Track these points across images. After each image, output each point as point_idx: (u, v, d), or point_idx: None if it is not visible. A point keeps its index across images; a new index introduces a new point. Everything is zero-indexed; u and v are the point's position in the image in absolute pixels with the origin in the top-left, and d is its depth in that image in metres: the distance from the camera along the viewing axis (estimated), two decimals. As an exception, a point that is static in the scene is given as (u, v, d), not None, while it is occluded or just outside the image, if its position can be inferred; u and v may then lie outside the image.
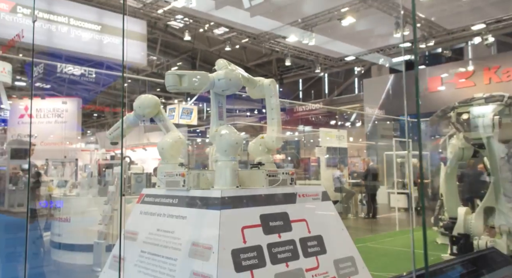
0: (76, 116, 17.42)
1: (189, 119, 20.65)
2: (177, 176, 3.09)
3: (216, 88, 3.06)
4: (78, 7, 12.65)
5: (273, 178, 3.14)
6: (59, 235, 7.27)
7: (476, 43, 18.21)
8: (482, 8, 14.50)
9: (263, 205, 2.99)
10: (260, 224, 2.87)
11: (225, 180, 2.96)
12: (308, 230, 3.14)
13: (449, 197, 8.35)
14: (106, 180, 7.43)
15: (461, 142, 7.74)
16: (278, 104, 3.61)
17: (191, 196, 2.99)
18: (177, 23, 18.74)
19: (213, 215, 2.72)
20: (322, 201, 3.41)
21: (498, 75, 18.30)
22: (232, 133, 2.99)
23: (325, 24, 15.91)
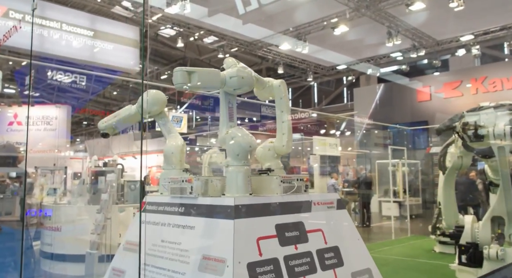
0: (65, 124, 17.07)
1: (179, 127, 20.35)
2: (184, 182, 2.88)
3: (227, 87, 2.87)
4: (70, 13, 12.42)
5: (287, 184, 2.96)
6: (49, 245, 6.95)
7: (461, 55, 18.51)
8: (471, 19, 14.64)
9: (278, 213, 2.79)
10: (275, 235, 2.67)
11: (237, 186, 2.76)
12: (324, 240, 2.95)
13: (447, 205, 8.28)
14: (99, 188, 7.15)
15: (460, 150, 7.68)
16: (288, 106, 3.43)
17: (200, 204, 2.77)
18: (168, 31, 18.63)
19: (226, 225, 2.52)
20: (337, 210, 3.23)
21: (484, 86, 18.47)
22: (244, 136, 2.79)
23: (318, 33, 15.90)
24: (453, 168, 7.75)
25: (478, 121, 4.49)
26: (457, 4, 11.42)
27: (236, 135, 2.78)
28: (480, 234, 4.90)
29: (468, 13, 13.38)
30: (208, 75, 2.75)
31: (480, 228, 4.93)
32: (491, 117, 4.33)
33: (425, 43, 16.79)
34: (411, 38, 16.07)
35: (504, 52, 19.20)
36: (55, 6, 11.98)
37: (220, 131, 2.95)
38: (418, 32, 15.78)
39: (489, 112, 4.33)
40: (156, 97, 3.47)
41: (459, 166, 7.69)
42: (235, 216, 2.51)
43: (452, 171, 7.90)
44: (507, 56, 19.29)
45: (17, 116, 14.77)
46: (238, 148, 2.75)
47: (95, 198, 7.40)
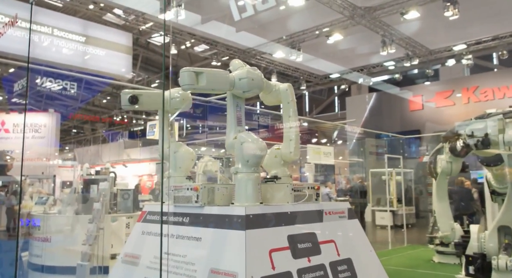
0: (54, 132, 16.73)
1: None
2: (189, 191, 2.70)
3: (236, 89, 2.71)
4: (62, 18, 12.19)
5: (298, 193, 2.79)
6: (38, 256, 6.66)
7: (451, 65, 18.70)
8: (463, 29, 14.75)
9: (290, 224, 2.63)
10: (288, 247, 2.50)
11: (247, 195, 2.59)
12: (337, 252, 2.79)
13: (441, 211, 8.26)
14: (91, 197, 6.90)
15: (448, 155, 7.76)
16: (296, 111, 3.28)
17: (207, 214, 2.60)
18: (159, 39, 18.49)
19: (236, 236, 2.34)
20: (348, 219, 3.07)
21: (476, 95, 18.62)
22: (255, 141, 2.63)
23: (312, 41, 15.88)
24: (443, 173, 7.88)
25: (485, 128, 4.38)
26: (452, 13, 11.46)
27: (246, 141, 2.61)
28: (487, 244, 4.78)
29: (461, 23, 13.46)
30: (216, 76, 2.59)
31: (487, 238, 4.81)
32: (500, 124, 4.23)
33: (418, 52, 16.86)
34: (405, 47, 16.13)
35: (493, 62, 19.45)
36: (47, 11, 11.76)
37: (227, 136, 2.78)
38: (411, 41, 15.85)
39: (497, 119, 4.21)
40: (187, 96, 3.27)
41: (449, 171, 7.83)
42: (246, 226, 2.33)
43: (443, 176, 8.03)
44: (496, 67, 19.51)
45: (4, 123, 14.43)
46: (248, 153, 2.58)
47: (86, 207, 7.15)
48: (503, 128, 4.24)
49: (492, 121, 4.40)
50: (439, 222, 8.38)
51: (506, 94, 17.72)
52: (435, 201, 8.61)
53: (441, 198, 8.43)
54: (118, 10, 14.47)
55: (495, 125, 4.34)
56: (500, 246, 4.71)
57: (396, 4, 12.47)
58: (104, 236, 6.39)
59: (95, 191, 6.93)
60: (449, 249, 8.32)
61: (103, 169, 7.80)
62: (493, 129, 4.36)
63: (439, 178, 8.27)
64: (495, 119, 4.33)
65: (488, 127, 4.39)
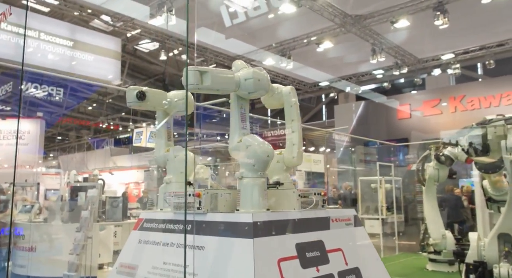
0: (38, 139, 16.33)
1: (157, 143, 19.82)
2: (190, 197, 2.55)
3: (241, 90, 2.59)
4: (49, 22, 11.95)
5: (305, 199, 2.67)
6: (22, 267, 6.38)
7: (437, 74, 18.92)
8: (452, 38, 14.94)
9: (298, 231, 2.50)
10: (296, 256, 2.37)
11: (253, 201, 2.46)
12: (345, 261, 2.67)
13: (432, 219, 8.30)
14: (79, 204, 6.66)
15: (434, 162, 7.87)
16: (298, 114, 3.17)
17: (210, 221, 2.45)
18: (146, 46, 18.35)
19: (244, 245, 2.20)
20: (355, 227, 2.96)
21: (463, 104, 18.83)
22: (261, 144, 2.51)
23: (302, 49, 15.89)
24: (431, 179, 8.04)
25: (485, 135, 4.34)
26: (442, 22, 11.57)
27: (252, 144, 2.49)
28: (486, 252, 4.72)
29: (449, 32, 13.62)
30: (221, 76, 2.47)
31: (486, 246, 4.75)
32: (501, 131, 4.19)
33: (406, 61, 17.01)
34: (394, 56, 16.24)
35: (478, 72, 19.77)
36: (33, 14, 11.52)
37: (231, 139, 2.65)
38: (400, 50, 15.97)
39: (499, 125, 4.18)
40: (190, 98, 3.16)
41: (437, 178, 8.05)
42: (254, 234, 2.20)
43: (431, 182, 8.21)
44: (480, 76, 19.82)
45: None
46: (255, 157, 2.46)
47: (73, 215, 6.91)
48: (503, 134, 4.21)
49: (492, 127, 4.36)
50: (430, 229, 8.39)
51: (492, 103, 17.95)
52: (426, 208, 8.64)
53: (431, 204, 8.48)
54: (106, 17, 14.29)
55: (495, 131, 4.31)
56: (500, 254, 4.65)
57: (387, 13, 12.56)
58: (93, 245, 6.17)
59: (83, 199, 6.69)
60: (441, 257, 8.29)
61: (92, 175, 7.56)
62: (493, 135, 4.32)
63: (427, 184, 8.38)
64: (497, 125, 4.29)
65: (488, 134, 4.35)
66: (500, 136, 4.27)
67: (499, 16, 13.07)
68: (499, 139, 4.23)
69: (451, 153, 6.91)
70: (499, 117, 4.36)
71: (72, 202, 6.98)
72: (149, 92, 2.90)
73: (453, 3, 11.81)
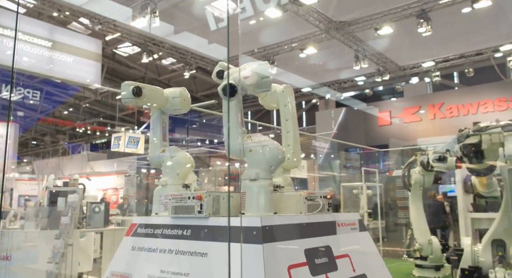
0: (12, 143, 15.74)
1: (136, 148, 19.42)
2: (191, 200, 2.38)
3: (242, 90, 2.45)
4: (27, 21, 11.54)
5: (311, 202, 2.53)
6: (-5, 278, 6.02)
7: (415, 82, 19.25)
8: (433, 46, 15.19)
9: (306, 236, 2.36)
10: (306, 262, 2.22)
11: (259, 204, 2.30)
12: (352, 268, 2.54)
13: (417, 223, 8.31)
14: (58, 210, 6.35)
15: (420, 168, 7.91)
16: (294, 114, 3.05)
17: (213, 226, 2.29)
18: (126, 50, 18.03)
19: (252, 251, 2.04)
20: (359, 232, 2.84)
21: (442, 112, 19.17)
22: (271, 144, 2.36)
23: (285, 54, 15.86)
24: (416, 185, 8.07)
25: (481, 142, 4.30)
26: (425, 30, 11.73)
27: (260, 144, 2.34)
28: (481, 258, 4.69)
29: (430, 40, 13.83)
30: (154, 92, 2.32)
31: (481, 251, 4.72)
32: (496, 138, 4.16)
33: (388, 68, 17.20)
34: (376, 63, 16.40)
35: (454, 81, 20.23)
36: (10, 13, 11.08)
37: (232, 140, 2.49)
38: (382, 57, 16.14)
39: (496, 132, 4.14)
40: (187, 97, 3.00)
41: (422, 183, 8.07)
42: (263, 239, 2.04)
43: (416, 188, 8.24)
44: (457, 85, 20.28)
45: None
46: (265, 158, 2.32)
47: (52, 221, 6.58)
48: (499, 141, 4.17)
49: (487, 135, 4.32)
50: (416, 234, 8.40)
51: (470, 111, 18.33)
52: (412, 214, 8.65)
53: (417, 210, 8.49)
54: (85, 20, 13.92)
55: (490, 139, 4.27)
56: (494, 259, 4.62)
57: (370, 20, 12.66)
58: (73, 253, 5.88)
59: (63, 204, 6.38)
60: (427, 262, 8.29)
61: (72, 180, 7.25)
62: (489, 143, 4.27)
63: (413, 189, 8.40)
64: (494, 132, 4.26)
65: (483, 142, 4.31)
66: (496, 143, 4.23)
67: (479, 25, 13.36)
68: (495, 147, 4.20)
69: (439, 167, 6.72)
70: (495, 124, 4.32)
71: (51, 207, 6.65)
72: (146, 89, 2.73)
73: (434, 11, 12.00)
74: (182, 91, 2.93)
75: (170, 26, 14.81)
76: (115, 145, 20.37)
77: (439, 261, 8.13)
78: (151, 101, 2.81)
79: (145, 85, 2.74)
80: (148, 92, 2.74)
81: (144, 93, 2.68)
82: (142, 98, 2.68)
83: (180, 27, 15.15)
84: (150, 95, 2.77)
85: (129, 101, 2.66)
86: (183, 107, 2.94)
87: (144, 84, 2.74)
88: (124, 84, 2.70)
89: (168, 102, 2.86)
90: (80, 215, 6.65)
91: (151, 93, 2.79)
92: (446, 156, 5.54)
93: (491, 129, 4.22)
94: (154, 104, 2.82)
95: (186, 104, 2.94)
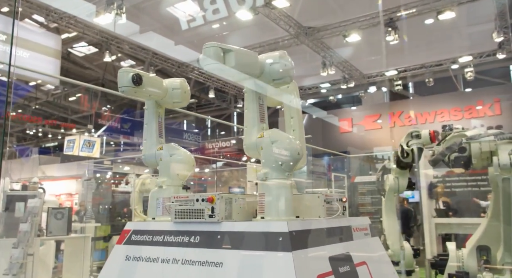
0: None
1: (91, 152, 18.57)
2: (200, 202, 2.11)
3: (264, 76, 2.20)
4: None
5: (329, 205, 2.33)
6: None
7: (372, 92, 19.81)
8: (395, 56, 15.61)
9: (328, 243, 2.15)
10: (331, 271, 2.01)
11: (279, 207, 2.07)
12: (370, 276, 2.35)
13: (390, 230, 8.31)
14: (16, 216, 5.78)
15: (395, 171, 7.94)
16: (300, 111, 2.85)
17: (229, 232, 2.02)
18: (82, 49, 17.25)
19: (279, 260, 1.80)
20: (371, 237, 2.67)
21: (401, 120, 19.77)
22: (289, 140, 2.14)
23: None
24: (391, 190, 8.04)
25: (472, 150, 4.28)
26: (393, 38, 11.99)
27: (279, 139, 2.11)
28: (466, 263, 4.67)
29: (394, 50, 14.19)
30: (246, 57, 2.07)
31: (466, 256, 4.71)
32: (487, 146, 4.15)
33: (353, 76, 17.50)
34: (342, 70, 16.62)
35: (409, 91, 21.01)
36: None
37: (248, 135, 2.25)
38: (348, 64, 16.38)
39: (490, 141, 4.13)
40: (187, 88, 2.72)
41: (397, 188, 8.03)
42: (292, 246, 1.81)
43: (391, 193, 8.19)
44: (411, 95, 21.08)
45: None
46: (283, 155, 2.08)
47: (7, 229, 5.99)
48: (489, 150, 4.16)
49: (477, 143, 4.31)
50: (389, 239, 8.41)
51: (427, 119, 19.01)
52: (385, 220, 8.66)
53: (390, 215, 8.51)
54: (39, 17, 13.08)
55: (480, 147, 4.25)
56: (479, 264, 4.62)
57: (339, 26, 12.78)
58: (34, 264, 5.36)
59: (22, 210, 5.82)
60: (398, 268, 8.31)
61: (31, 183, 6.66)
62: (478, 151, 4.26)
63: (387, 195, 8.40)
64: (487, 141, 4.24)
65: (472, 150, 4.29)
66: (485, 152, 4.22)
67: (440, 37, 13.84)
68: (484, 155, 4.19)
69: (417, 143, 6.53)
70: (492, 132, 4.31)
71: (7, 213, 6.05)
72: (146, 77, 2.42)
73: (398, 21, 12.31)
74: (183, 83, 2.65)
75: (135, 25, 14.30)
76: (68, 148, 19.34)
77: (410, 266, 8.18)
78: (151, 92, 2.50)
79: (144, 73, 2.44)
80: (148, 82, 2.44)
81: (144, 82, 2.38)
82: (142, 88, 2.38)
83: (145, 27, 14.67)
84: (150, 85, 2.47)
85: (127, 91, 2.36)
86: (183, 100, 2.66)
87: (142, 72, 2.44)
88: (122, 71, 2.39)
89: (167, 94, 2.57)
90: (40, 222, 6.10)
91: (152, 83, 2.49)
92: (419, 133, 5.44)
93: (483, 137, 4.21)
94: (154, 95, 2.53)
95: (186, 97, 2.66)
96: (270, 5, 11.26)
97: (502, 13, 11.78)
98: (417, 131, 5.53)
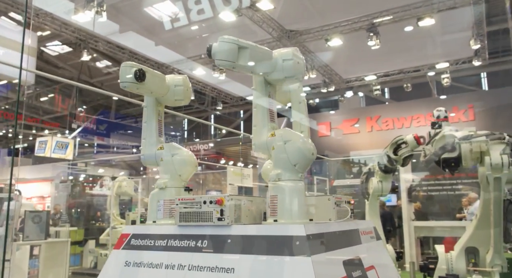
0: None
1: (64, 154, 18.00)
2: (207, 204, 2.00)
3: (276, 73, 2.12)
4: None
5: (339, 208, 2.26)
6: None
7: (349, 96, 20.08)
8: (375, 61, 15.82)
9: (341, 246, 2.08)
10: (346, 276, 1.94)
11: (292, 209, 1.98)
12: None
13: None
14: (-9, 220, 5.48)
15: (378, 174, 8.00)
16: (306, 112, 2.79)
17: (239, 235, 1.92)
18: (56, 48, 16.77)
19: (298, 265, 1.72)
20: (376, 240, 2.62)
21: (378, 124, 20.06)
22: (302, 139, 2.06)
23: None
24: (375, 193, 8.07)
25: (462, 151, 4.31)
26: (375, 43, 12.13)
27: (291, 139, 2.02)
28: (455, 265, 4.70)
29: (374, 55, 14.37)
30: (261, 55, 1.99)
31: (454, 259, 4.74)
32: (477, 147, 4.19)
33: (333, 80, 17.63)
34: (322, 74, 16.72)
35: (385, 96, 21.37)
36: None
37: (257, 134, 2.16)
38: (328, 68, 16.50)
39: (482, 141, 4.17)
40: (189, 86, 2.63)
41: (380, 191, 8.06)
42: (311, 250, 1.73)
43: (374, 196, 8.22)
44: (387, 100, 21.45)
45: None
46: (297, 155, 2.00)
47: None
48: (479, 150, 4.20)
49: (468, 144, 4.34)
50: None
51: (404, 124, 19.33)
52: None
53: (373, 218, 8.57)
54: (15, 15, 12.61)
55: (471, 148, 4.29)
56: (468, 266, 4.66)
57: (322, 30, 12.85)
58: (10, 270, 5.10)
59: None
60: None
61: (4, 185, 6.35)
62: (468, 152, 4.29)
63: (371, 198, 8.43)
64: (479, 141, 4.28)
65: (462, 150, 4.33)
66: (476, 152, 4.27)
67: (419, 43, 14.11)
68: (475, 156, 4.23)
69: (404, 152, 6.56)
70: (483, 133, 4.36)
71: (-20, 217, 5.73)
72: (149, 73, 2.30)
73: (379, 27, 12.47)
74: (185, 79, 2.54)
75: (115, 25, 13.99)
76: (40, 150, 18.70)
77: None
78: (153, 88, 2.38)
79: (147, 68, 2.32)
80: (151, 78, 2.32)
81: (147, 78, 2.26)
82: (144, 84, 2.25)
83: (125, 27, 14.38)
84: (153, 81, 2.35)
85: (129, 86, 2.23)
86: (185, 98, 2.55)
87: (146, 67, 2.31)
88: (125, 65, 2.26)
89: (169, 91, 2.45)
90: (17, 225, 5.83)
91: (154, 80, 2.36)
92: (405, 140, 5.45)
93: (475, 138, 4.25)
94: (156, 92, 2.40)
95: (188, 95, 2.55)
96: (254, 7, 11.20)
97: (479, 21, 12.10)
98: (401, 138, 5.54)
